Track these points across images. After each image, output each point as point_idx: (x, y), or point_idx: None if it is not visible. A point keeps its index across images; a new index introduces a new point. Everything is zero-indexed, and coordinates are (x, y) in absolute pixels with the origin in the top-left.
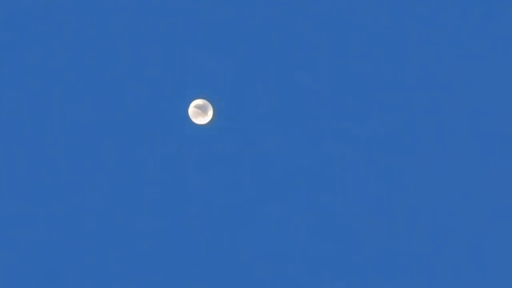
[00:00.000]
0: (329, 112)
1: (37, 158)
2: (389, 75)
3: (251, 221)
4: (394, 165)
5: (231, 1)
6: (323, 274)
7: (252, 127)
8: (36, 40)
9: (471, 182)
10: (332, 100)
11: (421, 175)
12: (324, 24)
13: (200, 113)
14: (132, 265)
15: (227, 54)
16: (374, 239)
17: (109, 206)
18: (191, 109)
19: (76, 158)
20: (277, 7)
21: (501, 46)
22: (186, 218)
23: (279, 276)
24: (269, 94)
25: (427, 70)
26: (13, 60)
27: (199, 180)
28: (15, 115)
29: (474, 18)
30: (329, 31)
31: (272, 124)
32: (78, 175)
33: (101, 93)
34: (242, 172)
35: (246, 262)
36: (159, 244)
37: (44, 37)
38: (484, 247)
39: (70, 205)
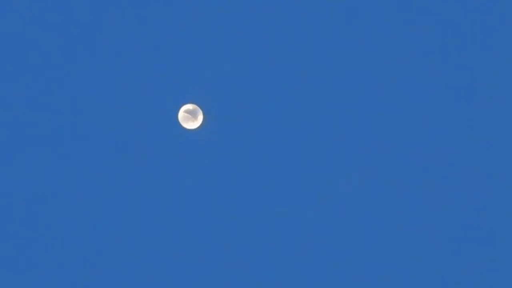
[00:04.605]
0: (323, 115)
1: (23, 162)
2: (382, 78)
3: (242, 226)
4: (393, 167)
5: (222, 6)
6: (322, 276)
7: (242, 132)
8: (25, 42)
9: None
10: (325, 103)
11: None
12: (315, 28)
13: (190, 118)
14: (119, 271)
15: (217, 58)
16: (374, 241)
17: (97, 211)
18: (181, 114)
19: (63, 163)
20: (267, 11)
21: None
22: (176, 223)
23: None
24: (259, 99)
25: (429, 75)
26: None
27: (189, 185)
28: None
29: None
30: (321, 34)
31: (262, 128)
32: (65, 180)
33: (90, 98)
34: (232, 177)
35: (237, 268)
36: (148, 249)
37: (31, 44)
38: (485, 248)
39: (57, 211)
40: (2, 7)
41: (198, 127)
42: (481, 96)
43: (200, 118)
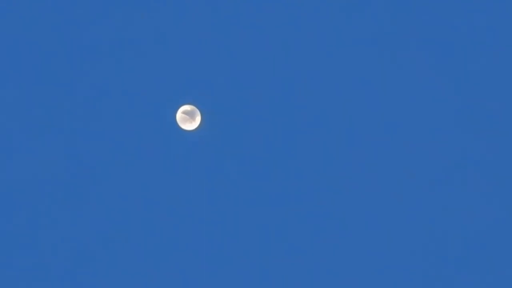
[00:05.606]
0: (321, 115)
1: (21, 162)
2: (378, 82)
3: (240, 226)
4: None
5: (220, 7)
6: (322, 276)
7: (240, 132)
8: (21, 42)
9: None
10: (324, 104)
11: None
12: (314, 29)
13: (188, 119)
14: (118, 271)
15: (215, 60)
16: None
17: (95, 211)
18: (179, 115)
19: (62, 163)
20: (265, 12)
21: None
22: (175, 223)
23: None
24: (257, 100)
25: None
26: None
27: (187, 186)
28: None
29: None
30: (319, 35)
31: (260, 129)
32: (63, 180)
33: (88, 99)
34: (229, 178)
35: (236, 268)
36: (146, 249)
37: (28, 43)
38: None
39: (56, 211)
40: (2, 7)
41: (196, 128)
42: (481, 96)
43: (198, 119)
